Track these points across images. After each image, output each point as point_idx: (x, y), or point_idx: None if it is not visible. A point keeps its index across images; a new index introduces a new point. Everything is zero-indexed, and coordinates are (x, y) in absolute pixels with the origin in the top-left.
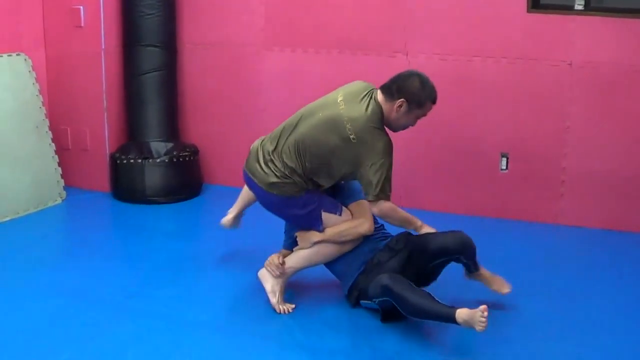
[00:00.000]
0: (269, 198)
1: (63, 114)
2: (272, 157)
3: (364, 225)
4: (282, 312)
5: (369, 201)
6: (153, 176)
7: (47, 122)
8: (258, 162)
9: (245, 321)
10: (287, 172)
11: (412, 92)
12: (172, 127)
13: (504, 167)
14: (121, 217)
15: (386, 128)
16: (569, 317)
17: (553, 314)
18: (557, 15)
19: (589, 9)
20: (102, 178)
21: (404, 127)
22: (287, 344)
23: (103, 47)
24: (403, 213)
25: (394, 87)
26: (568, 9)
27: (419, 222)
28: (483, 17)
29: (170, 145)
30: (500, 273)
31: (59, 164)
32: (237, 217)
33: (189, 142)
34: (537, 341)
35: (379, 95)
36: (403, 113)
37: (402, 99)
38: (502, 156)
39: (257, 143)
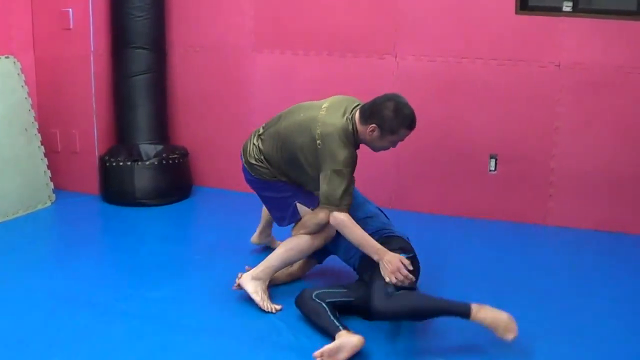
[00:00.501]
0: (248, 176)
1: (52, 117)
2: (257, 141)
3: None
4: (268, 310)
5: (320, 208)
6: (142, 179)
7: (36, 125)
8: (249, 141)
9: (235, 323)
10: (262, 157)
11: (384, 119)
12: (161, 129)
13: (493, 169)
14: (111, 220)
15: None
16: (557, 317)
17: (541, 314)
18: (545, 16)
19: (577, 10)
20: (91, 181)
21: (382, 149)
22: (276, 345)
23: (92, 49)
24: (360, 232)
25: (368, 112)
26: (556, 10)
27: (383, 254)
28: (472, 18)
29: (159, 147)
30: (488, 274)
31: (48, 167)
32: (264, 233)
33: (178, 144)
34: (525, 339)
35: (356, 115)
36: (376, 137)
37: (373, 125)
38: (491, 157)
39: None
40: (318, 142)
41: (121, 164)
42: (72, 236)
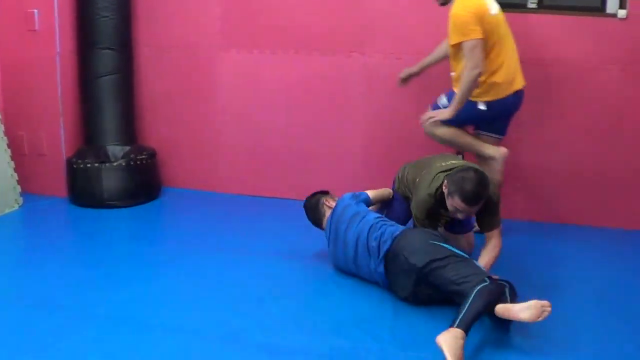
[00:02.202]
0: None
1: (18, 119)
2: None
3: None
4: None
5: None
6: (110, 180)
7: (2, 128)
8: None
9: (203, 323)
10: None
11: (452, 181)
12: (129, 130)
13: None
14: (79, 222)
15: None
16: None
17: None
18: (510, 13)
19: (542, 7)
20: (59, 183)
21: (452, 212)
22: (246, 344)
23: (58, 50)
24: None
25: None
26: (521, 7)
27: None
28: (438, 16)
29: (127, 148)
30: None
31: (15, 170)
32: None
33: (146, 145)
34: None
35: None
36: (446, 195)
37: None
38: (458, 153)
39: None
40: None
41: (89, 165)
42: (40, 239)
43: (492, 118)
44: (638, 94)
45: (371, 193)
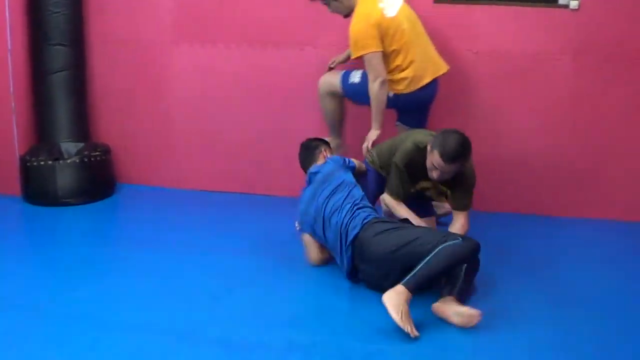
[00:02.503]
0: None
1: None
2: None
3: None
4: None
5: None
6: (64, 177)
7: None
8: None
9: (160, 319)
10: None
11: (436, 137)
12: (82, 127)
13: None
14: (33, 221)
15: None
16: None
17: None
18: (462, 5)
19: None
20: (12, 181)
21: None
22: (203, 339)
23: (9, 47)
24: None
25: None
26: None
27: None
28: None
29: (81, 145)
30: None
31: None
32: None
33: (100, 141)
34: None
35: None
36: (428, 152)
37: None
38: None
39: None
40: None
41: (42, 163)
42: None
43: (403, 108)
44: (590, 84)
45: (356, 163)
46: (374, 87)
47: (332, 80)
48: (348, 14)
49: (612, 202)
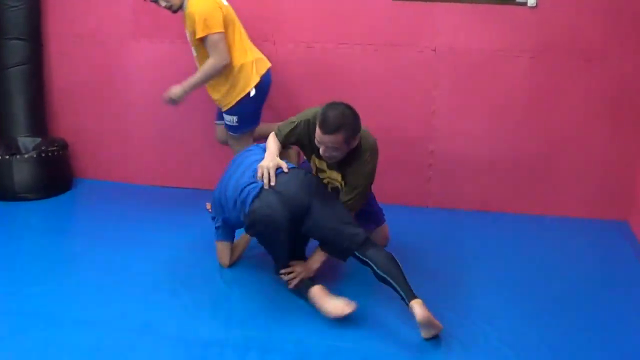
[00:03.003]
0: None
1: None
2: None
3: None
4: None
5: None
6: (21, 172)
7: None
8: None
9: (116, 315)
10: None
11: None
12: (39, 121)
13: None
14: None
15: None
16: (442, 295)
17: (426, 294)
18: (421, 2)
19: None
20: None
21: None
22: (159, 335)
23: None
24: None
25: None
26: None
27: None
28: (350, 4)
29: (38, 140)
30: None
31: None
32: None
33: (57, 136)
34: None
35: None
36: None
37: None
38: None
39: None
40: None
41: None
42: None
43: (261, 101)
44: (547, 82)
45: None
46: (215, 67)
47: (242, 141)
48: (179, 7)
49: (569, 199)
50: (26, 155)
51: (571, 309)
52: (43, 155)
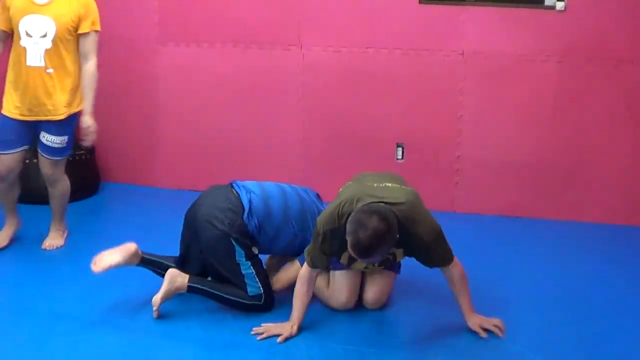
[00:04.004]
0: None
1: None
2: None
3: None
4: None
5: None
6: None
7: None
8: None
9: (142, 319)
10: None
11: (351, 221)
12: None
13: (400, 157)
14: None
15: None
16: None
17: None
18: (448, 6)
19: None
20: None
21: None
22: (186, 339)
23: None
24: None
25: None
26: (460, 0)
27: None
28: (376, 9)
29: None
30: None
31: None
32: None
33: None
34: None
35: None
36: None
37: None
38: (398, 146)
39: None
40: None
41: (27, 162)
42: None
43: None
44: (575, 85)
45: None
46: (94, 69)
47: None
48: None
49: (596, 204)
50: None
51: (596, 314)
52: (70, 159)
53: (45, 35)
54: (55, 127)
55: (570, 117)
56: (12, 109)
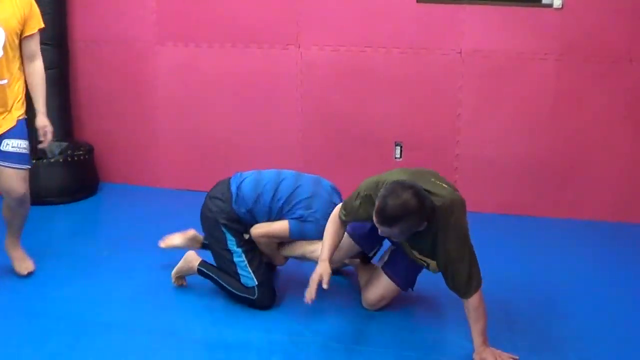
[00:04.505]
0: None
1: None
2: None
3: None
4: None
5: None
6: (48, 177)
7: None
8: None
9: (141, 319)
10: None
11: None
12: (66, 126)
13: (398, 156)
14: None
15: None
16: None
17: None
18: (446, 5)
19: None
20: None
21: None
22: (186, 339)
23: None
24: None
25: None
26: None
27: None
28: (374, 7)
29: (64, 144)
30: None
31: None
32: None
33: (83, 140)
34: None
35: None
36: None
37: None
38: (396, 145)
39: None
40: None
41: None
42: None
43: None
44: (573, 84)
45: None
46: (42, 68)
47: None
48: None
49: (594, 202)
50: (52, 160)
51: (595, 312)
52: (69, 159)
53: None
54: (16, 131)
55: (569, 115)
56: None
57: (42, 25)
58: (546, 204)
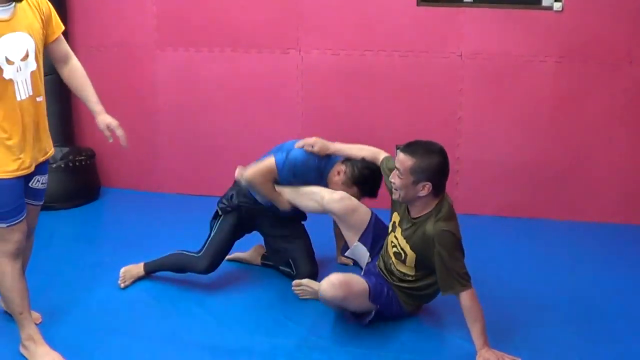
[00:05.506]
0: None
1: None
2: None
3: None
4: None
5: None
6: (49, 182)
7: None
8: None
9: (143, 324)
10: None
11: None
12: (67, 131)
13: None
14: None
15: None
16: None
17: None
18: (446, 7)
19: (477, 0)
20: None
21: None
22: (188, 344)
23: None
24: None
25: None
26: (457, 1)
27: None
28: (374, 11)
29: (65, 149)
30: None
31: None
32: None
33: (84, 145)
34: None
35: None
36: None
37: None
38: (397, 148)
39: None
40: None
41: None
42: None
43: None
44: (573, 86)
45: None
46: (79, 64)
47: None
48: None
49: (594, 204)
50: (54, 165)
51: (595, 314)
52: (71, 164)
53: (27, 56)
54: (45, 164)
55: (569, 117)
56: (10, 166)
57: (63, 27)
58: (547, 206)
